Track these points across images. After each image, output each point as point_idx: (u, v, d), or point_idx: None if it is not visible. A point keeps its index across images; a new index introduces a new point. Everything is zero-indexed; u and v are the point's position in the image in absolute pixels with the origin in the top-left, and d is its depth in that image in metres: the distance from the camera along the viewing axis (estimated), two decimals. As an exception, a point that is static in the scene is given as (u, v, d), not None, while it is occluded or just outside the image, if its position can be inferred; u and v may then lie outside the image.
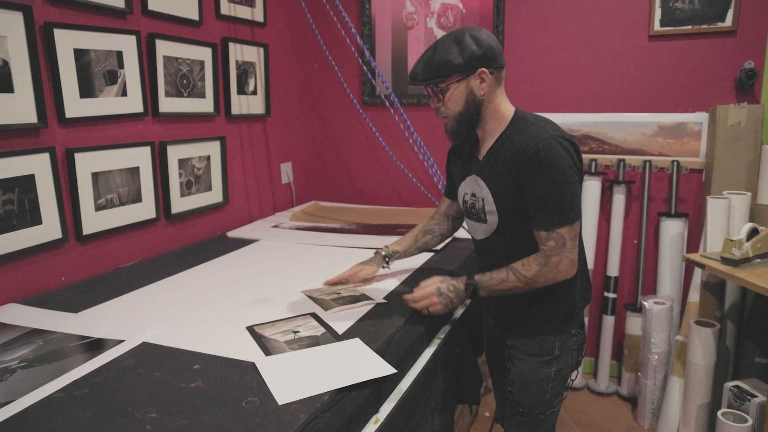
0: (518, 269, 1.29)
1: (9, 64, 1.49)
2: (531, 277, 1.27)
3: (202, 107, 2.21)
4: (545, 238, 1.26)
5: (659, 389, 2.30)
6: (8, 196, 1.51)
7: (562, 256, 1.25)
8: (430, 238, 1.66)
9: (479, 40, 1.26)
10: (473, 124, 1.33)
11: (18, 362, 1.16)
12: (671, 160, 2.42)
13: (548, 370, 1.37)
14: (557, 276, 1.27)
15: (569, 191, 1.23)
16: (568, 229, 1.25)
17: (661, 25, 2.34)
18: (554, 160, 1.21)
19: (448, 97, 1.29)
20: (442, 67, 1.26)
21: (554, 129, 1.26)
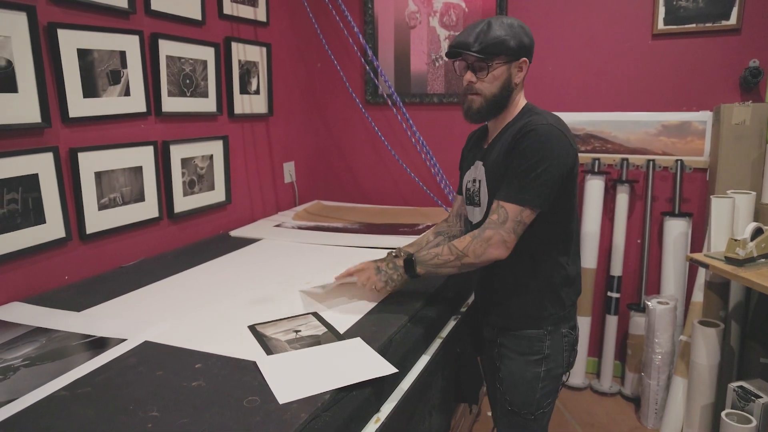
0: (453, 242, 1.30)
1: (13, 64, 1.50)
2: (461, 249, 1.27)
3: (205, 107, 2.22)
4: (493, 209, 1.26)
5: (663, 389, 2.30)
6: (12, 196, 1.52)
7: (497, 232, 1.24)
8: (442, 239, 1.63)
9: (527, 31, 1.29)
10: (500, 109, 1.33)
11: (21, 360, 1.17)
12: (675, 160, 2.41)
13: (537, 370, 1.35)
14: (485, 252, 1.25)
15: (542, 177, 1.22)
16: (516, 209, 1.23)
17: (665, 23, 2.33)
18: (541, 144, 1.22)
19: (491, 73, 1.28)
20: (496, 44, 1.25)
21: (556, 121, 1.27)
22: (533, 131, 1.23)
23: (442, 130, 2.72)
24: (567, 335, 1.37)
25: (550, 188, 1.23)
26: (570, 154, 1.25)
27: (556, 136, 1.23)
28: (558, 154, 1.22)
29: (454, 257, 1.28)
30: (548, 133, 1.22)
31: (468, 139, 1.55)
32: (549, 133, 1.22)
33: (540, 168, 1.21)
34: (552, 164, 1.22)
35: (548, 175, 1.22)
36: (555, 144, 1.22)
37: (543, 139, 1.22)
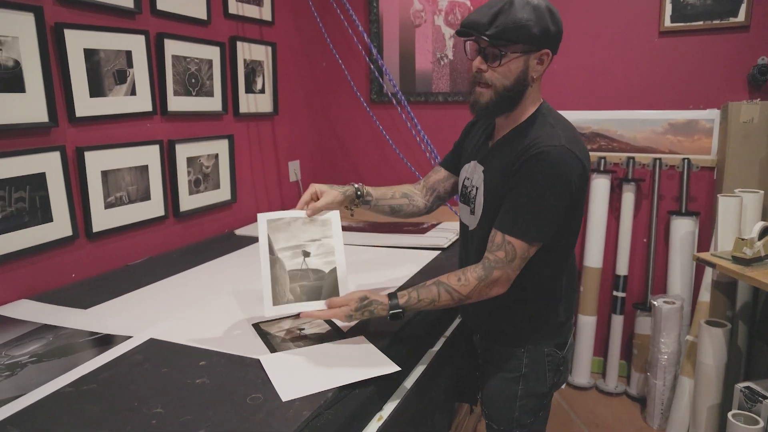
0: (452, 285, 1.15)
1: (21, 64, 1.51)
2: (466, 294, 1.14)
3: (211, 106, 2.23)
4: (498, 245, 1.12)
5: (669, 390, 2.28)
6: (20, 194, 1.53)
7: (505, 272, 1.12)
8: (406, 203, 1.43)
9: (555, 17, 1.11)
10: (512, 105, 1.16)
11: (28, 357, 1.18)
12: (682, 158, 2.40)
13: (515, 388, 1.27)
14: (490, 293, 1.15)
15: (549, 210, 1.09)
16: (524, 247, 1.11)
17: (672, 21, 2.31)
18: (549, 169, 1.08)
19: (504, 64, 1.10)
20: (515, 30, 1.07)
21: (570, 139, 1.11)
22: (542, 155, 1.08)
23: (448, 128, 2.71)
24: (550, 354, 1.27)
25: (558, 220, 1.11)
26: (582, 179, 1.12)
27: (567, 162, 1.08)
28: (569, 181, 1.08)
29: (455, 301, 1.16)
30: (559, 159, 1.08)
31: (474, 121, 1.39)
32: (560, 159, 1.08)
33: (550, 200, 1.09)
34: (562, 195, 1.09)
35: (557, 207, 1.10)
36: (566, 171, 1.08)
37: (554, 166, 1.08)
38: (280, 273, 1.21)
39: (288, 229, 1.25)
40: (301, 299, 1.21)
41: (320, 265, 1.24)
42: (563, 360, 1.30)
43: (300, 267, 1.23)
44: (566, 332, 1.31)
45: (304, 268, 1.23)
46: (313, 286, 1.23)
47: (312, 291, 1.22)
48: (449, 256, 1.90)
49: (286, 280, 1.22)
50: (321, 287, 1.23)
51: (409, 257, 1.87)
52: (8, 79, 1.48)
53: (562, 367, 1.30)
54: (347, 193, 1.32)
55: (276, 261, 1.22)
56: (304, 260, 1.24)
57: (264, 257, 1.21)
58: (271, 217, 1.25)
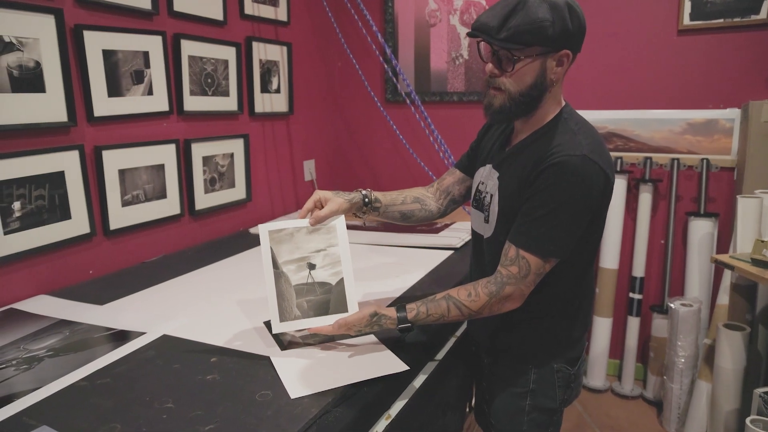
0: (462, 300, 1.10)
1: (41, 65, 1.55)
2: (476, 310, 1.10)
3: (226, 105, 2.25)
4: (511, 259, 1.07)
5: (686, 393, 2.25)
6: (39, 192, 1.57)
7: (518, 288, 1.07)
8: (417, 208, 1.37)
9: (575, 13, 1.03)
10: (529, 110, 1.10)
11: (46, 351, 1.21)
12: (701, 158, 2.36)
13: (522, 403, 1.23)
14: (502, 309, 1.10)
15: (566, 224, 1.04)
16: (539, 263, 1.06)
17: (691, 19, 2.27)
18: (567, 182, 1.01)
19: (518, 69, 1.04)
20: (530, 32, 0.99)
21: (593, 148, 1.04)
22: (561, 164, 1.01)
23: (463, 128, 2.71)
24: (560, 370, 1.21)
25: (576, 235, 1.06)
26: (604, 192, 1.06)
27: (588, 173, 1.01)
28: (588, 193, 1.02)
29: (465, 316, 1.12)
30: (579, 170, 1.01)
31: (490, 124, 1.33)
32: (580, 170, 1.01)
33: (568, 213, 1.03)
34: (582, 208, 1.03)
35: (576, 221, 1.04)
36: (586, 183, 1.02)
37: (573, 177, 1.01)
38: (286, 288, 1.17)
39: (291, 240, 1.20)
40: (308, 315, 1.18)
41: (326, 278, 1.20)
42: (574, 376, 1.25)
43: (306, 281, 1.19)
44: (579, 348, 1.25)
45: (310, 282, 1.19)
46: (320, 301, 1.19)
47: (319, 306, 1.19)
48: (462, 257, 1.89)
49: (293, 295, 1.18)
50: (328, 301, 1.19)
51: (421, 257, 1.87)
52: (29, 79, 1.52)
53: (573, 384, 1.25)
54: (353, 200, 1.26)
55: (281, 275, 1.18)
56: (310, 273, 1.20)
57: (268, 272, 1.17)
58: (273, 228, 1.20)
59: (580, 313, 1.22)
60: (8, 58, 1.47)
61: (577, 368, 1.25)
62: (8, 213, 1.49)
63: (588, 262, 1.19)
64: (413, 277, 1.65)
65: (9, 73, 1.47)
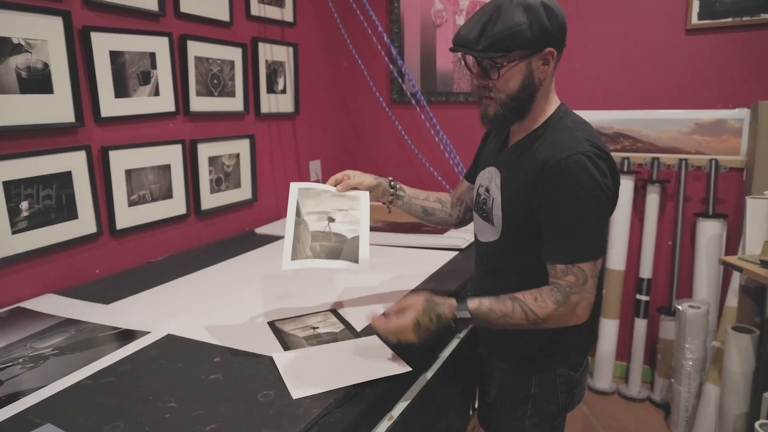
0: (529, 304, 1.06)
1: (49, 67, 1.56)
2: (543, 317, 1.06)
3: (232, 106, 2.26)
4: (563, 271, 1.06)
5: (694, 397, 2.23)
6: (47, 192, 1.58)
7: (583, 296, 1.05)
8: (438, 207, 1.42)
9: (553, 11, 1.04)
10: (522, 112, 1.12)
11: (51, 350, 1.22)
12: (709, 159, 2.34)
13: (524, 408, 1.22)
14: (570, 319, 1.08)
15: (595, 221, 1.05)
16: (590, 266, 1.05)
17: (699, 18, 2.25)
18: (581, 181, 1.02)
19: (503, 75, 1.06)
20: (507, 38, 1.01)
21: (592, 142, 1.06)
22: (565, 169, 1.02)
23: (468, 128, 2.69)
24: (563, 375, 1.21)
25: (606, 224, 1.10)
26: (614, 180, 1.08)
27: (598, 167, 1.03)
28: (600, 184, 1.03)
29: (530, 323, 1.06)
30: (582, 166, 1.02)
31: None
32: (583, 166, 1.02)
33: (591, 211, 1.03)
34: (600, 199, 1.04)
35: (600, 212, 1.05)
36: (595, 174, 1.02)
37: (578, 174, 1.02)
38: (303, 232, 1.22)
39: (317, 197, 1.26)
40: (319, 257, 1.21)
41: (343, 231, 1.24)
42: (577, 381, 1.23)
43: (323, 229, 1.24)
44: (583, 353, 1.24)
45: (327, 231, 1.24)
46: (333, 247, 1.22)
47: (331, 251, 1.22)
48: (467, 257, 1.88)
49: (308, 238, 1.22)
50: (341, 249, 1.23)
51: (426, 257, 1.86)
52: (37, 80, 1.53)
53: (576, 389, 1.24)
54: (380, 180, 1.33)
55: (300, 222, 1.22)
56: (329, 224, 1.25)
57: (290, 217, 1.22)
58: (303, 186, 1.26)
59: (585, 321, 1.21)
60: (17, 60, 1.48)
61: (580, 373, 1.24)
62: (16, 213, 1.51)
63: None
64: (417, 278, 1.65)
65: (17, 75, 1.48)
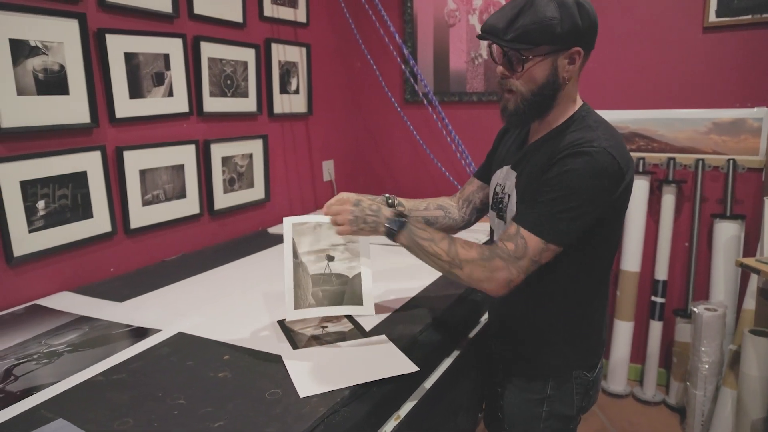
0: (456, 243, 1.08)
1: (65, 68, 1.59)
2: (460, 259, 1.05)
3: (245, 107, 2.28)
4: (510, 235, 1.04)
5: (710, 401, 2.19)
6: (63, 192, 1.61)
7: (508, 269, 1.03)
8: (441, 215, 1.40)
9: (585, 9, 1.01)
10: (543, 110, 1.10)
11: (65, 346, 1.24)
12: (727, 159, 2.29)
13: (539, 410, 1.20)
14: (483, 282, 1.05)
15: (574, 211, 1.00)
16: (538, 245, 1.02)
17: (717, 15, 2.21)
18: (582, 169, 0.99)
19: (527, 69, 1.04)
20: (537, 31, 0.99)
21: (612, 144, 1.02)
22: (578, 154, 1.00)
23: (482, 128, 2.69)
24: (579, 377, 1.19)
25: (581, 227, 1.03)
26: (618, 187, 1.03)
27: (604, 165, 0.99)
28: (602, 186, 1.00)
29: (448, 260, 1.07)
30: (595, 160, 0.99)
31: (506, 128, 1.34)
32: (596, 161, 0.99)
33: (574, 201, 1.00)
34: (593, 199, 1.01)
35: (585, 211, 1.01)
36: (601, 174, 1.00)
37: (588, 166, 0.99)
38: (303, 276, 1.22)
39: (313, 233, 1.24)
40: (322, 303, 1.22)
41: (344, 270, 1.25)
42: (593, 383, 1.22)
43: (323, 271, 1.23)
44: (598, 354, 1.22)
45: (327, 273, 1.24)
46: (335, 291, 1.23)
47: (334, 296, 1.23)
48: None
49: (309, 284, 1.22)
50: (343, 292, 1.24)
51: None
52: (53, 82, 1.56)
53: (591, 391, 1.23)
54: (375, 199, 1.29)
55: (299, 265, 1.22)
56: (328, 264, 1.24)
57: (288, 261, 1.21)
58: (297, 221, 1.24)
59: (597, 321, 1.20)
60: (34, 62, 1.51)
61: (595, 374, 1.23)
62: (33, 212, 1.54)
63: (607, 268, 1.17)
64: (428, 278, 1.65)
65: (34, 76, 1.51)
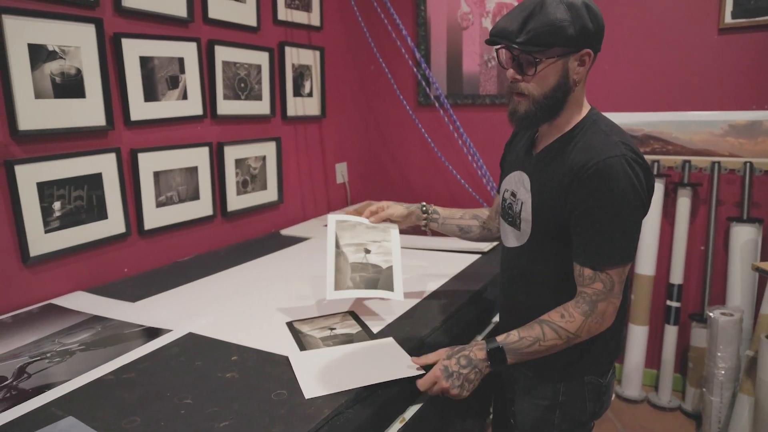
0: (556, 322, 1.06)
1: (82, 72, 1.62)
2: (574, 332, 1.05)
3: (259, 109, 2.30)
4: (590, 278, 1.05)
5: (726, 407, 2.15)
6: (78, 193, 1.65)
7: (609, 302, 1.05)
8: (475, 224, 1.44)
9: (593, 12, 1.03)
10: (554, 112, 1.10)
11: (78, 345, 1.26)
12: (743, 161, 2.25)
13: (551, 416, 1.19)
14: (601, 327, 1.07)
15: (629, 226, 1.03)
16: (619, 271, 1.05)
17: (733, 17, 2.18)
18: (618, 186, 1.00)
19: (539, 72, 1.04)
20: (549, 33, 1.00)
21: (627, 145, 1.05)
22: (607, 170, 1.00)
23: (495, 131, 2.68)
24: (591, 382, 1.19)
25: (639, 229, 1.06)
26: (650, 185, 1.06)
27: (634, 171, 1.02)
28: (636, 190, 1.02)
29: (564, 341, 1.06)
30: (620, 170, 1.00)
31: (514, 135, 1.34)
32: (621, 169, 1.00)
33: (625, 216, 1.02)
34: (635, 205, 1.03)
35: (634, 218, 1.04)
36: (632, 178, 1.01)
37: (616, 178, 1.00)
38: (343, 264, 1.35)
39: (353, 229, 1.41)
40: (359, 287, 1.34)
41: (379, 262, 1.38)
42: (606, 388, 1.21)
43: (361, 261, 1.37)
44: (610, 360, 1.21)
45: (364, 262, 1.37)
46: (371, 278, 1.36)
47: (370, 281, 1.35)
48: (489, 261, 1.87)
49: (348, 270, 1.34)
50: (378, 279, 1.36)
51: (449, 260, 1.87)
52: (70, 85, 1.60)
53: (604, 396, 1.22)
54: (411, 208, 1.42)
55: (340, 254, 1.36)
56: (365, 255, 1.38)
57: (330, 250, 1.35)
58: (340, 219, 1.41)
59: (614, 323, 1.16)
60: (51, 66, 1.54)
61: (608, 379, 1.22)
62: (49, 213, 1.57)
63: None
64: (440, 280, 1.65)
65: (52, 80, 1.55)
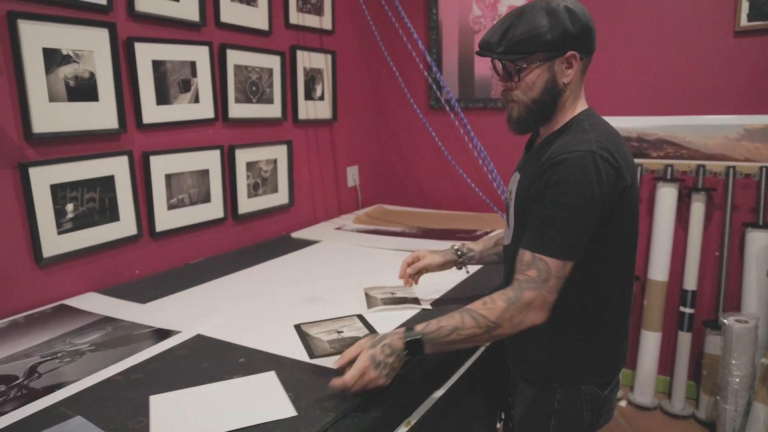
0: (477, 310, 1.02)
1: (95, 76, 1.65)
2: (494, 320, 1.00)
3: (270, 113, 2.31)
4: (528, 263, 1.02)
5: (741, 416, 2.11)
6: (91, 195, 1.67)
7: (539, 293, 1.00)
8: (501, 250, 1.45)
9: (576, 15, 1.05)
10: (546, 115, 1.12)
11: (88, 346, 1.28)
12: (759, 166, 2.22)
13: (547, 423, 1.18)
14: (524, 319, 1.01)
15: (574, 218, 1.00)
16: (558, 265, 1.00)
17: (749, 20, 2.14)
18: (572, 176, 0.99)
19: (524, 78, 1.08)
20: (527, 41, 1.04)
21: (603, 145, 1.02)
22: (564, 161, 1.00)
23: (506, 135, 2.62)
24: (588, 393, 1.15)
25: (587, 233, 1.02)
26: (616, 188, 1.02)
27: (592, 167, 0.99)
28: (591, 189, 0.99)
29: (483, 330, 1.01)
30: (581, 164, 0.99)
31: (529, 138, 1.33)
32: (583, 164, 0.99)
33: (574, 211, 0.99)
34: (588, 204, 0.99)
35: (585, 218, 1.00)
36: (589, 177, 0.99)
37: (575, 172, 0.99)
38: (374, 300, 1.53)
39: (382, 288, 1.62)
40: (388, 304, 1.49)
41: (404, 294, 1.56)
42: (604, 401, 1.17)
43: (389, 296, 1.55)
44: (609, 371, 1.17)
45: (391, 296, 1.55)
46: (398, 298, 1.52)
47: (397, 301, 1.50)
48: (496, 266, 1.86)
49: (378, 302, 1.51)
50: (405, 299, 1.52)
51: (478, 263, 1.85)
52: (84, 89, 1.62)
53: (603, 409, 1.18)
54: (446, 256, 1.48)
55: (370, 297, 1.55)
56: (392, 294, 1.56)
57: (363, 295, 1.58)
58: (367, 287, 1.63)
59: (610, 331, 1.15)
60: (65, 70, 1.57)
61: (608, 393, 1.18)
62: (62, 214, 1.60)
63: (614, 275, 1.12)
64: (446, 285, 1.64)
65: (66, 84, 1.57)
